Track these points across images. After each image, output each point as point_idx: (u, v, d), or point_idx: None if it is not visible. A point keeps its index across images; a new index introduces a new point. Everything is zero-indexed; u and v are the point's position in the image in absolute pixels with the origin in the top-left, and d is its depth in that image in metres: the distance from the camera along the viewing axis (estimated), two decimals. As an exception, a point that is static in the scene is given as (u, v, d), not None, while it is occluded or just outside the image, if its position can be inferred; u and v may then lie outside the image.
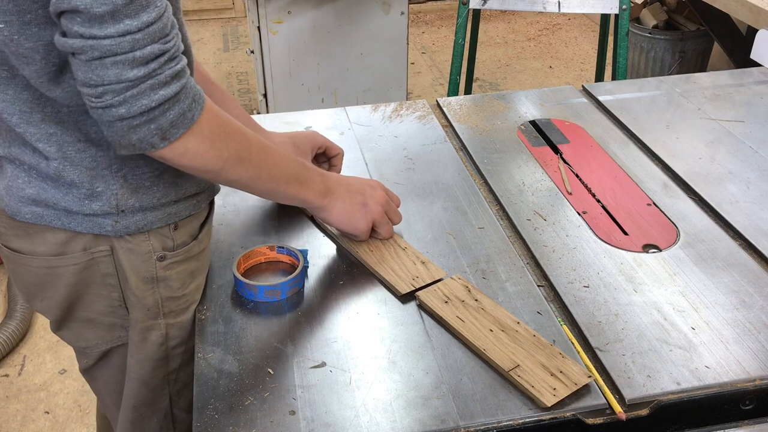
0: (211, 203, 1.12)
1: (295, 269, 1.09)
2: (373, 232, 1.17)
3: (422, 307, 1.06)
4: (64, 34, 0.83)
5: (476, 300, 1.05)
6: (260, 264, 1.14)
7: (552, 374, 0.93)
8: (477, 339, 0.98)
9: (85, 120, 0.94)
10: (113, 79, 0.82)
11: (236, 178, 0.98)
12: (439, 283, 1.08)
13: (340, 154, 1.33)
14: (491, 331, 1.00)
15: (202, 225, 1.08)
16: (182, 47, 0.89)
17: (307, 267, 1.13)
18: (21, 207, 0.98)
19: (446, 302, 1.05)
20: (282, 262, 1.14)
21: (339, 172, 1.33)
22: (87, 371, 1.16)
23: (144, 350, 1.07)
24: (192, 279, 1.07)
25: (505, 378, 0.94)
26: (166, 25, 0.85)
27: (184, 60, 0.88)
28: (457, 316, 1.02)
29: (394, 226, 1.19)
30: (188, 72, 0.89)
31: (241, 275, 1.08)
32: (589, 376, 0.93)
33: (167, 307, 1.05)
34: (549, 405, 0.89)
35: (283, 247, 1.13)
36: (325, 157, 1.33)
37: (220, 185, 1.11)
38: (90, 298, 1.05)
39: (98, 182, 0.97)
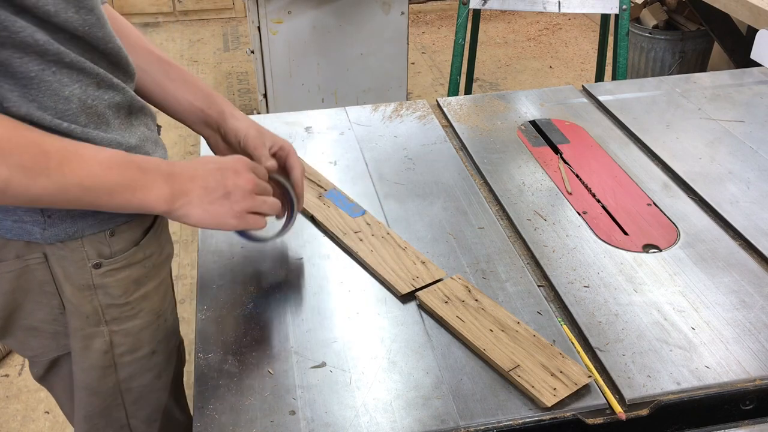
0: None
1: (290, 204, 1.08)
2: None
3: (422, 307, 1.06)
4: None
5: (476, 300, 1.05)
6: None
7: (552, 374, 0.93)
8: (477, 339, 0.98)
9: None
10: None
11: (33, 194, 0.83)
12: (439, 283, 1.08)
13: (289, 150, 1.13)
14: (491, 331, 1.00)
15: (147, 231, 1.03)
16: None
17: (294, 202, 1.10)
18: None
19: (446, 302, 1.05)
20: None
21: (300, 182, 1.13)
22: (42, 380, 1.13)
23: (88, 358, 1.03)
24: (138, 286, 1.02)
25: (505, 378, 0.94)
26: None
27: None
28: (457, 316, 1.02)
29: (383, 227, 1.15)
30: None
31: None
32: (589, 376, 0.93)
33: (109, 314, 1.01)
34: (549, 405, 0.89)
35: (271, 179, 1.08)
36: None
37: None
38: (30, 306, 1.01)
39: None
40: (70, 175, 0.85)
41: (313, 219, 1.24)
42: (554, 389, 0.91)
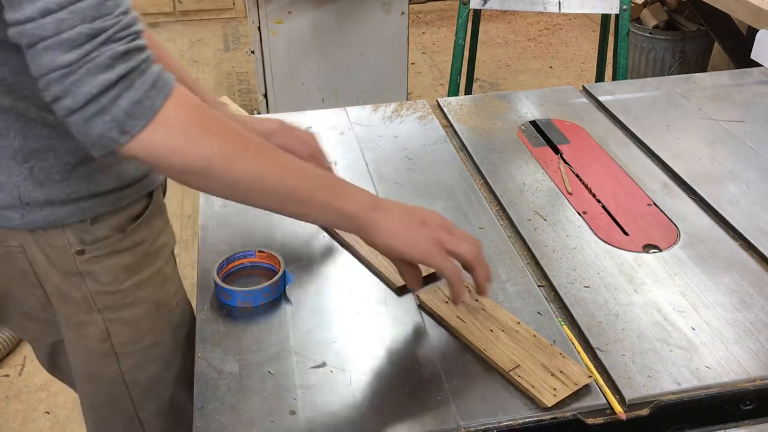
0: (154, 198, 1.06)
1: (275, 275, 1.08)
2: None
3: (422, 307, 1.06)
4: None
5: (476, 300, 1.05)
6: (245, 267, 1.12)
7: (552, 374, 0.93)
8: (477, 339, 0.98)
9: None
10: (48, 67, 0.75)
11: (233, 178, 0.85)
12: (439, 283, 1.08)
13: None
14: (491, 331, 1.00)
15: (136, 218, 1.03)
16: (136, 29, 0.79)
17: (288, 278, 1.09)
18: None
19: (446, 302, 1.04)
20: (263, 266, 1.12)
21: None
22: (52, 370, 1.14)
23: (84, 347, 1.04)
24: (129, 274, 1.02)
25: (505, 378, 0.94)
26: (101, 2, 0.76)
27: (137, 42, 0.79)
28: (458, 316, 1.02)
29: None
30: (143, 55, 0.80)
31: (222, 279, 1.08)
32: (590, 376, 0.93)
33: (101, 301, 1.01)
34: (549, 405, 0.89)
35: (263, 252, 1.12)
36: None
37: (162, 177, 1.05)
38: (20, 294, 1.03)
39: (1, 173, 0.92)
40: (268, 163, 0.88)
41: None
42: (554, 389, 0.91)
